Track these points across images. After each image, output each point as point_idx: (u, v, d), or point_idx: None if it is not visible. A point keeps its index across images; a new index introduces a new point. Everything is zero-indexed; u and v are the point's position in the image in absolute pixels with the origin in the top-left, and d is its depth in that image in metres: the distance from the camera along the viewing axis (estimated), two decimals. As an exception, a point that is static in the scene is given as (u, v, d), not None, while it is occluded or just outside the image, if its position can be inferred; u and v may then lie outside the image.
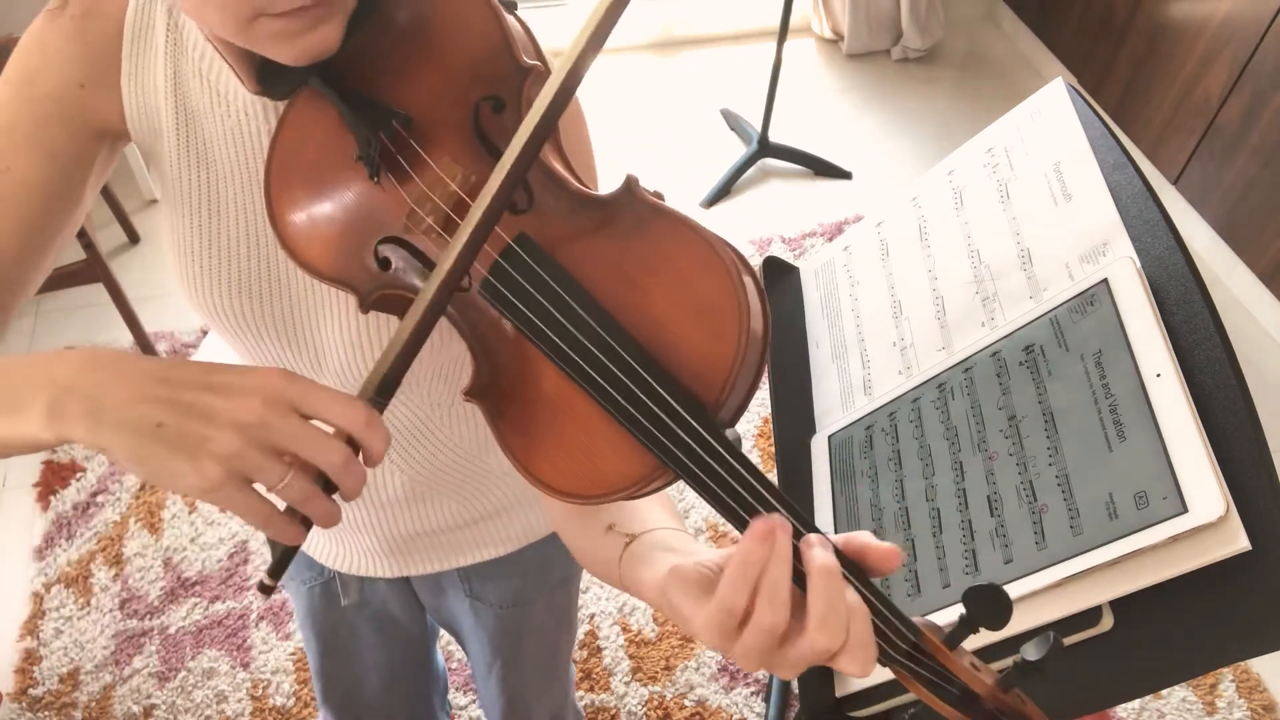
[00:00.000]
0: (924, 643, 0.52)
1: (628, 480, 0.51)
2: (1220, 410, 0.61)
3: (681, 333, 0.50)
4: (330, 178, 0.59)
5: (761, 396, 2.28)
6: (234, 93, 0.66)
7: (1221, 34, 2.44)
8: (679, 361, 0.49)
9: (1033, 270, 0.79)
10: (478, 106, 0.56)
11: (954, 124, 3.05)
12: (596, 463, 0.52)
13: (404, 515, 0.89)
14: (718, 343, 0.49)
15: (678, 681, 1.82)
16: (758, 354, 0.51)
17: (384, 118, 0.56)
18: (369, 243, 0.58)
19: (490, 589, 1.03)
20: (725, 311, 0.49)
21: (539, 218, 0.54)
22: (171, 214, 0.72)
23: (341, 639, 1.09)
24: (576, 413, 0.52)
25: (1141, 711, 1.81)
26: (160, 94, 0.69)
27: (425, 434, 0.83)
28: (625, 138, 2.97)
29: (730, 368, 0.48)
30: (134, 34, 0.68)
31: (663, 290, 0.50)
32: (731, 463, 0.49)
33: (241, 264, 0.70)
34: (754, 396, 0.53)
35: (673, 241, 0.51)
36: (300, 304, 0.72)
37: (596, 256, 0.52)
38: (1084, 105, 0.83)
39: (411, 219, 0.56)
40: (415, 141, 0.57)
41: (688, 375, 0.49)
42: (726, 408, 0.50)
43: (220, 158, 0.69)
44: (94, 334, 2.36)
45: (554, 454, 0.53)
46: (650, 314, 0.50)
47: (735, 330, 0.48)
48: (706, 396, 0.49)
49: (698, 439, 0.48)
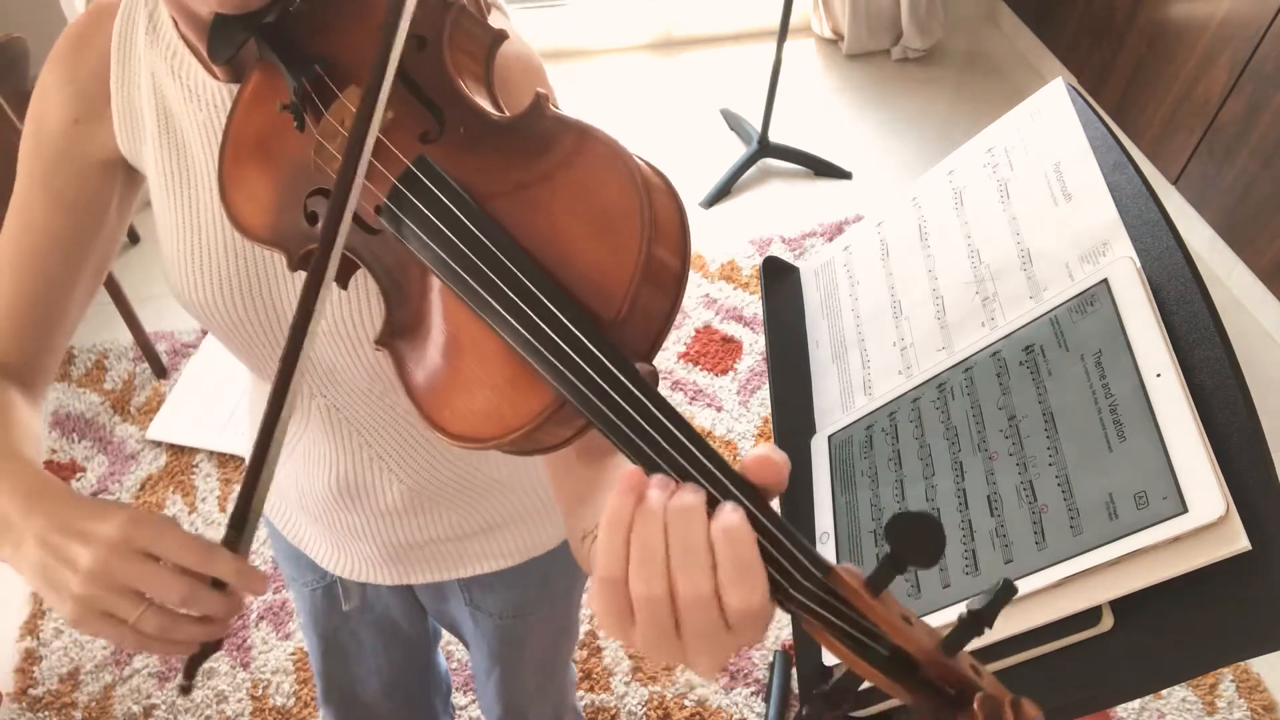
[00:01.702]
0: (835, 583, 0.43)
1: (526, 416, 0.48)
2: (1220, 410, 0.61)
3: (579, 244, 0.48)
4: (269, 142, 0.60)
5: (762, 396, 2.28)
6: (203, 86, 0.67)
7: (1221, 34, 2.44)
8: (574, 274, 0.47)
9: (1033, 270, 0.79)
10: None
11: (954, 124, 3.05)
12: (494, 400, 0.49)
13: (403, 525, 0.89)
14: (616, 254, 0.46)
15: (678, 681, 1.82)
16: (669, 274, 0.47)
17: (308, 63, 0.57)
18: (299, 198, 0.58)
19: (491, 600, 1.03)
20: (626, 221, 0.47)
21: (447, 145, 0.54)
22: (159, 214, 0.72)
23: (343, 642, 1.09)
24: (477, 349, 0.50)
25: (1141, 711, 1.81)
26: (143, 97, 0.70)
27: (423, 443, 0.83)
28: (626, 138, 2.97)
29: (629, 280, 0.46)
30: (120, 45, 0.69)
31: (562, 202, 0.49)
32: (634, 392, 0.44)
33: (219, 258, 0.71)
34: (669, 330, 0.49)
35: (576, 153, 0.50)
36: (280, 298, 0.72)
37: (497, 175, 0.52)
38: (1084, 105, 0.83)
39: (320, 153, 0.56)
40: (333, 82, 0.57)
41: (584, 288, 0.47)
42: (631, 329, 0.47)
43: (195, 153, 0.70)
44: (94, 334, 2.36)
45: (454, 397, 0.51)
46: (550, 228, 0.49)
47: (636, 241, 0.46)
48: (604, 311, 0.46)
49: (592, 360, 0.45)
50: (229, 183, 0.61)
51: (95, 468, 2.11)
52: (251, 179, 0.61)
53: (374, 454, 0.83)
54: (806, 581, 0.43)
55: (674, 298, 0.49)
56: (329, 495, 0.86)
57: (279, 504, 0.97)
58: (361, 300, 0.70)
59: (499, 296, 0.48)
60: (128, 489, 2.07)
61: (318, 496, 0.87)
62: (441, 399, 0.51)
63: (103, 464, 2.11)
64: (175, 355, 2.31)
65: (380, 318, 0.71)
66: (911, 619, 0.43)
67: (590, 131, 0.50)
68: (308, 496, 0.88)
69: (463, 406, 0.50)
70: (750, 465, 0.44)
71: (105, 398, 2.23)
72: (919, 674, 0.43)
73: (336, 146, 0.55)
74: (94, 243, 0.74)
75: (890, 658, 0.43)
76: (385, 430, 0.81)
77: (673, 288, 0.48)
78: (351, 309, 0.71)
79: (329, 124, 0.56)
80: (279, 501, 0.96)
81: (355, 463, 0.83)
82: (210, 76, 0.67)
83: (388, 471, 0.84)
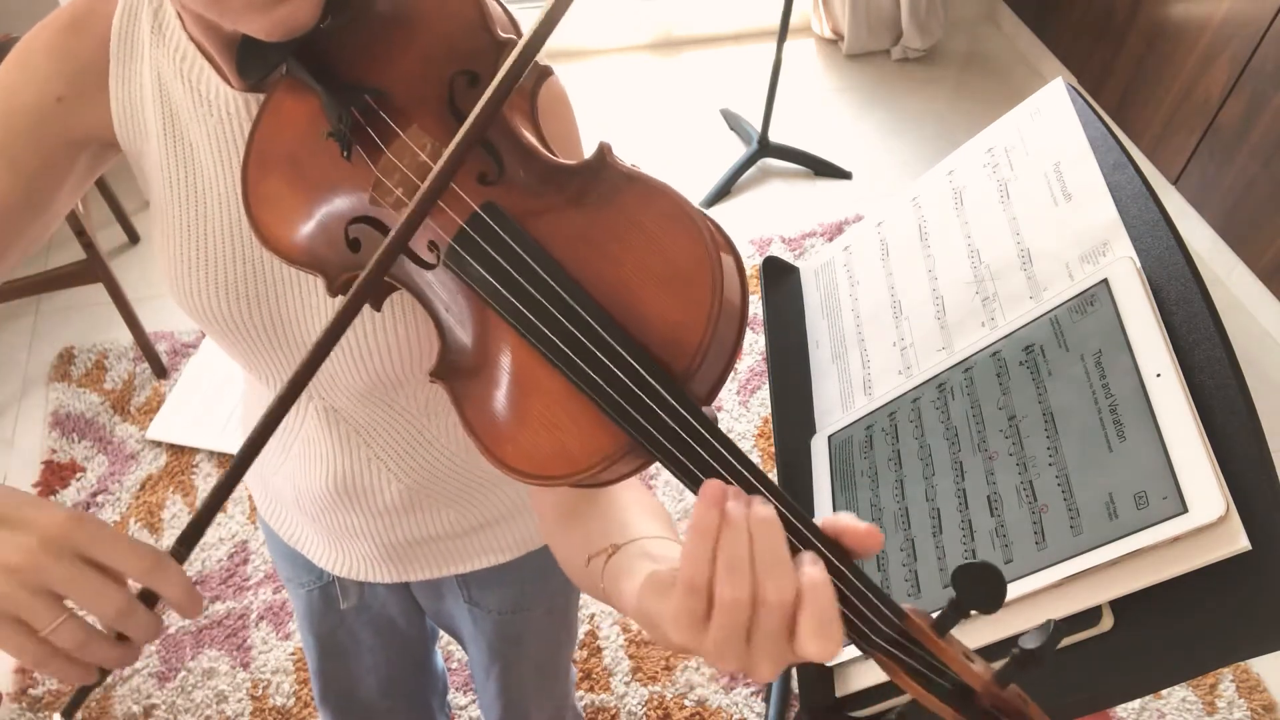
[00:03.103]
0: (910, 628, 0.48)
1: (595, 457, 0.49)
2: (1220, 410, 0.61)
3: (651, 299, 0.48)
4: (304, 161, 0.59)
5: (762, 396, 2.28)
6: (215, 93, 0.66)
7: (1221, 34, 2.44)
8: (648, 328, 0.48)
9: (1033, 270, 0.79)
10: (452, 81, 0.56)
11: (954, 124, 3.05)
12: (562, 440, 0.50)
13: (402, 523, 0.89)
14: (689, 309, 0.47)
15: (678, 681, 1.82)
16: (734, 326, 0.49)
17: (356, 92, 0.56)
18: (340, 223, 0.58)
19: (489, 596, 1.03)
20: (698, 277, 0.47)
21: (509, 188, 0.53)
22: (159, 216, 0.72)
23: (340, 641, 1.09)
24: (542, 389, 0.51)
25: (1141, 711, 1.81)
26: (146, 96, 0.69)
27: (421, 441, 0.83)
28: (625, 138, 2.97)
29: (701, 334, 0.47)
30: (120, 40, 0.68)
31: (633, 256, 0.49)
32: (705, 435, 0.47)
33: (227, 265, 0.70)
34: (730, 374, 0.51)
35: (645, 207, 0.50)
36: (287, 304, 0.72)
37: (566, 225, 0.51)
38: (1084, 105, 0.83)
39: (378, 189, 0.55)
40: (387, 114, 0.56)
41: (657, 342, 0.48)
42: (699, 379, 0.48)
43: (204, 159, 0.69)
44: (94, 334, 2.36)
45: (518, 433, 0.51)
46: (619, 280, 0.49)
47: (708, 296, 0.47)
48: (676, 364, 0.47)
49: (667, 408, 0.47)
50: (256, 200, 0.60)
51: (95, 468, 2.11)
52: (284, 199, 0.59)
53: (372, 453, 0.83)
54: (885, 627, 0.48)
55: (736, 345, 0.50)
56: (326, 495, 0.86)
57: (275, 505, 0.97)
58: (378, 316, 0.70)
59: (574, 345, 0.48)
60: (128, 489, 2.07)
61: (315, 496, 0.86)
62: (504, 435, 0.52)
63: (103, 464, 2.11)
64: (175, 355, 2.31)
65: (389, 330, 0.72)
66: (971, 656, 0.49)
67: (655, 185, 0.50)
68: (305, 496, 0.88)
69: (528, 444, 0.51)
70: (863, 534, 0.48)
71: (105, 398, 2.23)
72: (976, 703, 0.49)
73: (396, 182, 0.55)
74: (37, 219, 0.71)
75: (953, 690, 0.49)
76: (383, 429, 0.81)
77: (736, 337, 0.50)
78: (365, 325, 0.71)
79: (389, 161, 0.55)
80: (274, 502, 0.96)
81: (353, 462, 0.83)
82: (224, 83, 0.66)
83: (386, 471, 0.84)
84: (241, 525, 2.02)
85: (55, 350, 2.33)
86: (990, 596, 0.45)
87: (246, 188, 0.60)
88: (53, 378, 2.27)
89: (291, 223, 0.59)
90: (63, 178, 0.70)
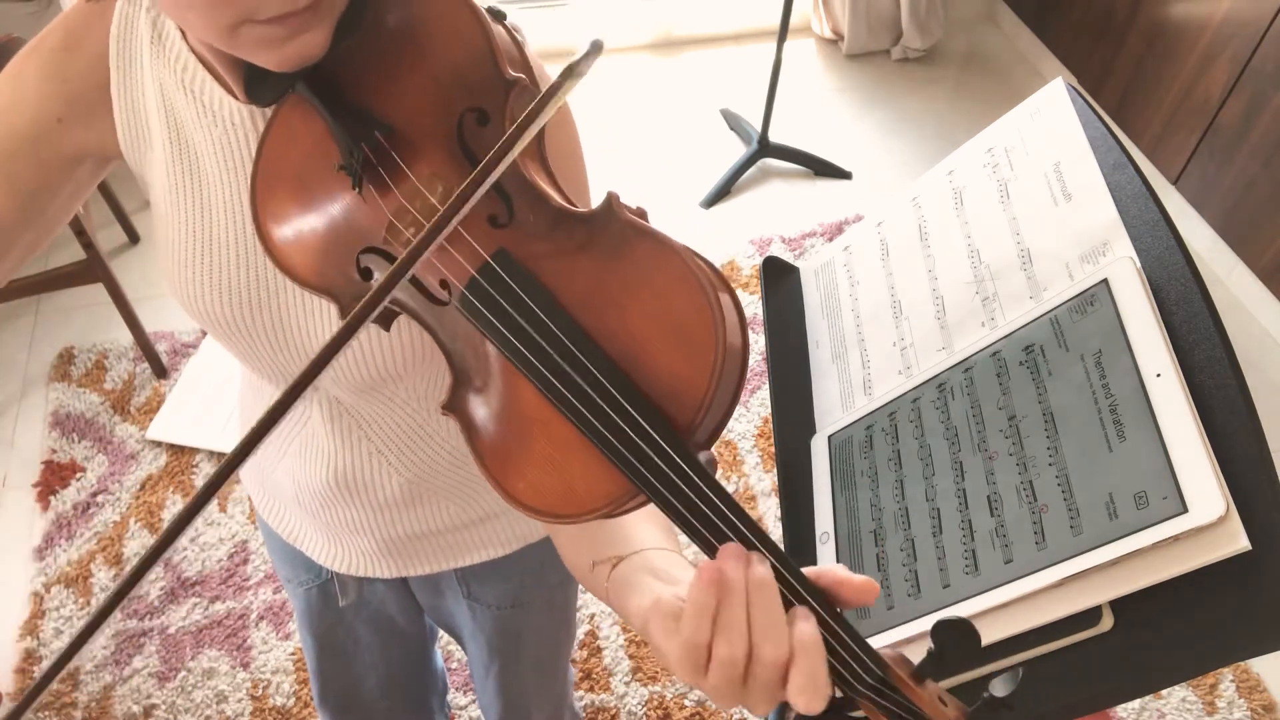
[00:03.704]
0: (890, 676, 0.51)
1: (601, 501, 0.50)
2: (1220, 410, 0.61)
3: (657, 353, 0.49)
4: (314, 186, 0.59)
5: (762, 396, 2.28)
6: (219, 103, 0.66)
7: (1221, 34, 2.44)
8: (654, 382, 0.49)
9: (1033, 270, 0.79)
10: (461, 118, 0.56)
11: (954, 124, 3.05)
12: (570, 482, 0.51)
13: (402, 517, 0.89)
14: (694, 364, 0.48)
15: (678, 681, 1.82)
16: (735, 376, 0.50)
17: (367, 128, 0.56)
18: (352, 252, 0.57)
19: (488, 590, 1.03)
20: (702, 332, 0.48)
21: (518, 233, 0.53)
22: (163, 221, 0.72)
23: (339, 640, 1.09)
24: (551, 431, 0.51)
25: (1141, 711, 1.81)
26: (150, 105, 0.68)
27: (423, 436, 0.83)
28: (626, 138, 2.97)
29: (706, 389, 0.48)
30: (119, 51, 0.68)
31: (639, 310, 0.50)
32: (702, 488, 0.49)
33: (232, 271, 0.70)
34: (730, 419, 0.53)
35: (651, 260, 0.50)
36: (291, 310, 0.72)
37: (574, 274, 0.52)
38: (1084, 105, 0.83)
39: (391, 232, 0.55)
40: (397, 153, 0.56)
41: (662, 396, 0.49)
42: (701, 429, 0.49)
43: (209, 168, 0.69)
44: (94, 334, 2.36)
45: (528, 471, 0.52)
46: (627, 333, 0.50)
47: (712, 351, 0.48)
48: (681, 418, 0.48)
49: (668, 462, 0.48)
50: (266, 218, 0.60)
51: (95, 468, 2.11)
52: (293, 219, 0.59)
53: (373, 447, 0.83)
54: (867, 676, 0.51)
55: (736, 394, 0.51)
56: (327, 489, 0.86)
57: (273, 503, 0.97)
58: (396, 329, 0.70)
59: (580, 395, 0.49)
60: (128, 489, 2.07)
61: (315, 491, 0.87)
62: (515, 472, 0.53)
63: (103, 464, 2.11)
64: (175, 355, 2.31)
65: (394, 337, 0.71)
66: (945, 699, 0.52)
67: (662, 238, 0.50)
68: (305, 492, 0.88)
69: (538, 482, 0.52)
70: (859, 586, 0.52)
71: (105, 398, 2.23)
72: None
73: (408, 224, 0.55)
74: (32, 229, 0.70)
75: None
76: (385, 422, 0.81)
77: (736, 387, 0.50)
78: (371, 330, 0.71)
79: (401, 206, 0.55)
80: (273, 500, 0.96)
81: (354, 456, 0.83)
82: (227, 94, 0.66)
83: (387, 465, 0.84)
84: (241, 525, 2.02)
85: (55, 350, 2.33)
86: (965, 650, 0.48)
87: (256, 207, 0.60)
88: (53, 378, 2.27)
89: (304, 249, 0.59)
90: (60, 190, 0.70)
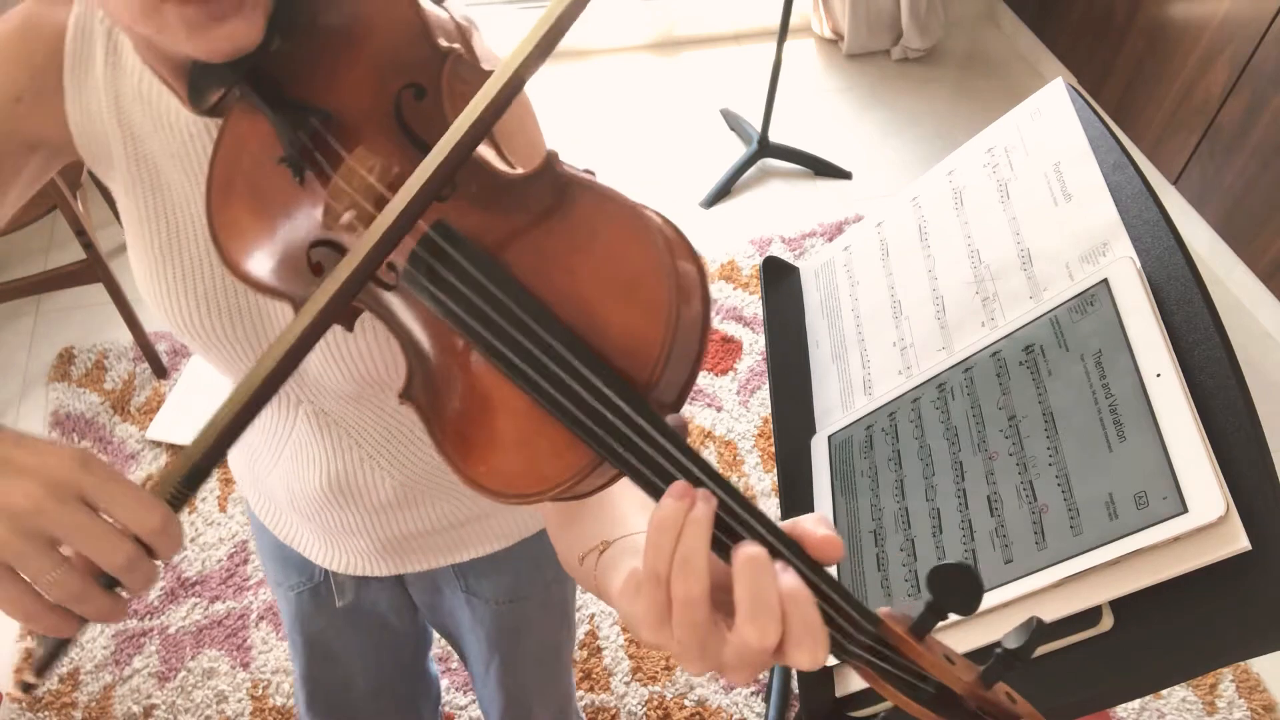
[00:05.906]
0: (885, 633, 0.47)
1: (566, 473, 0.48)
2: (1220, 410, 0.61)
3: (610, 310, 0.47)
4: (262, 186, 0.58)
5: (762, 396, 2.28)
6: (175, 114, 0.66)
7: (1221, 34, 2.44)
8: (609, 340, 0.47)
9: (1033, 270, 0.79)
10: (399, 96, 0.55)
11: (954, 124, 3.05)
12: (532, 458, 0.49)
13: (397, 518, 0.89)
14: (648, 317, 0.46)
15: (678, 681, 1.82)
16: (695, 329, 0.48)
17: (303, 115, 0.55)
18: (302, 249, 0.56)
19: (486, 584, 1.03)
20: (655, 286, 0.46)
21: (460, 204, 0.52)
22: (132, 233, 0.71)
23: (329, 642, 1.09)
24: (509, 407, 0.50)
25: (1141, 711, 1.81)
26: (105, 117, 0.68)
27: (412, 439, 0.83)
28: (626, 138, 2.97)
29: (662, 343, 0.46)
30: (74, 56, 0.67)
31: (588, 267, 0.48)
32: (671, 450, 0.46)
33: (205, 282, 0.70)
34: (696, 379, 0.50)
35: (597, 216, 0.48)
36: (269, 317, 0.72)
37: (518, 238, 0.50)
38: (1084, 105, 0.83)
39: (328, 214, 0.55)
40: (335, 137, 0.55)
41: (618, 353, 0.47)
42: (662, 388, 0.47)
43: (172, 179, 0.68)
44: (94, 334, 2.36)
45: (488, 453, 0.50)
46: (576, 293, 0.48)
47: (666, 305, 0.46)
48: (639, 375, 0.46)
49: (631, 424, 0.46)
50: (222, 230, 0.59)
51: (95, 468, 2.11)
52: (246, 226, 0.59)
53: (364, 453, 0.83)
54: (860, 634, 0.47)
55: (700, 350, 0.49)
56: (321, 495, 0.86)
57: (268, 506, 0.97)
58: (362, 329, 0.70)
59: (533, 362, 0.47)
60: (128, 489, 2.07)
61: (310, 497, 0.87)
62: (475, 455, 0.51)
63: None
64: (175, 355, 2.31)
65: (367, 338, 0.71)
66: (954, 658, 0.47)
67: (607, 193, 0.49)
68: (299, 498, 0.88)
69: (499, 464, 0.50)
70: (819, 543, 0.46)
71: (105, 398, 2.23)
72: (962, 706, 0.47)
73: (345, 206, 0.54)
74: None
75: (936, 695, 0.47)
76: (373, 429, 0.81)
77: (699, 342, 0.48)
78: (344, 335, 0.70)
79: (338, 186, 0.55)
80: (268, 503, 0.96)
81: (346, 463, 0.83)
82: (183, 106, 0.65)
83: (379, 469, 0.84)
84: (241, 525, 2.02)
85: (55, 350, 2.33)
86: (965, 595, 0.44)
87: (210, 217, 0.59)
88: (53, 378, 2.27)
89: (256, 251, 0.58)
90: (14, 177, 0.69)
